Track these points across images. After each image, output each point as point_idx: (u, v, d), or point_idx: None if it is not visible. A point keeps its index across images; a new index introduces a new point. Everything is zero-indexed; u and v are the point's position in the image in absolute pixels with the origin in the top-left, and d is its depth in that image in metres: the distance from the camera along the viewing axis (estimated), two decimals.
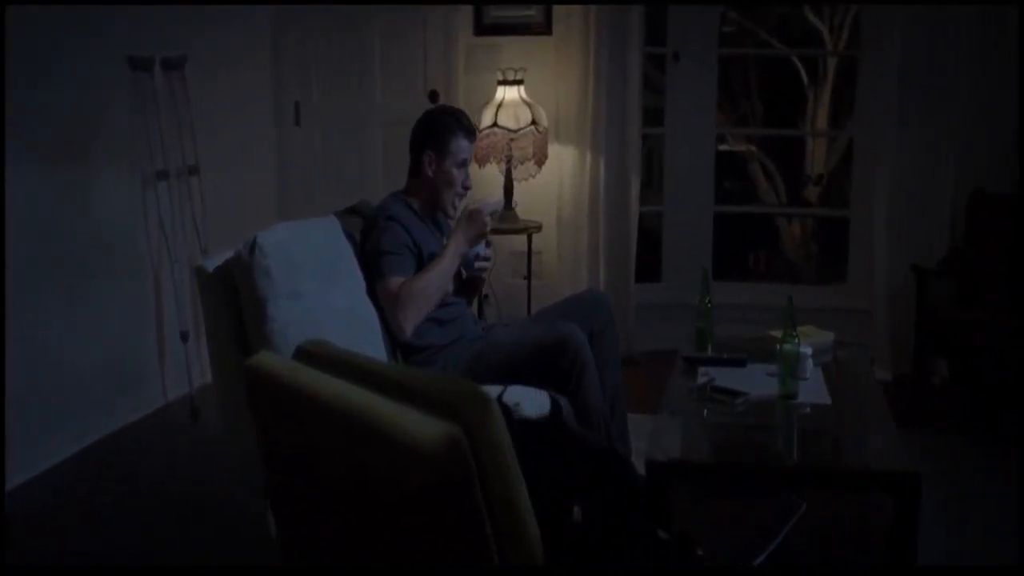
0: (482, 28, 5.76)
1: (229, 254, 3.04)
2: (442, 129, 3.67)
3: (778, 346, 3.18)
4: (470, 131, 3.71)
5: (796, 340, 3.13)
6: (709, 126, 6.04)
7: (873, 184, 5.61)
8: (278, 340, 2.91)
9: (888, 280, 5.43)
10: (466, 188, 3.74)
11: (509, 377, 3.36)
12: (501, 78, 5.40)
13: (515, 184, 5.49)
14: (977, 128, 5.21)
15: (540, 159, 5.44)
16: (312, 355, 2.00)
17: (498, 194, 5.42)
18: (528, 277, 5.64)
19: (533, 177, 5.51)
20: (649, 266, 6.12)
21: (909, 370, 5.07)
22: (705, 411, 3.14)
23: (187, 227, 4.89)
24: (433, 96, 5.79)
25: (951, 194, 5.24)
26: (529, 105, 5.37)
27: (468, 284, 3.89)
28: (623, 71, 5.58)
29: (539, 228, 5.54)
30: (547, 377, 3.35)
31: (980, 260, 4.89)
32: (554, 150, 5.57)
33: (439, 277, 3.49)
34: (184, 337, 4.82)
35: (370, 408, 1.57)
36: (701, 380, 3.33)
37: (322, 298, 3.09)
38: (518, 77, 5.41)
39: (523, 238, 5.56)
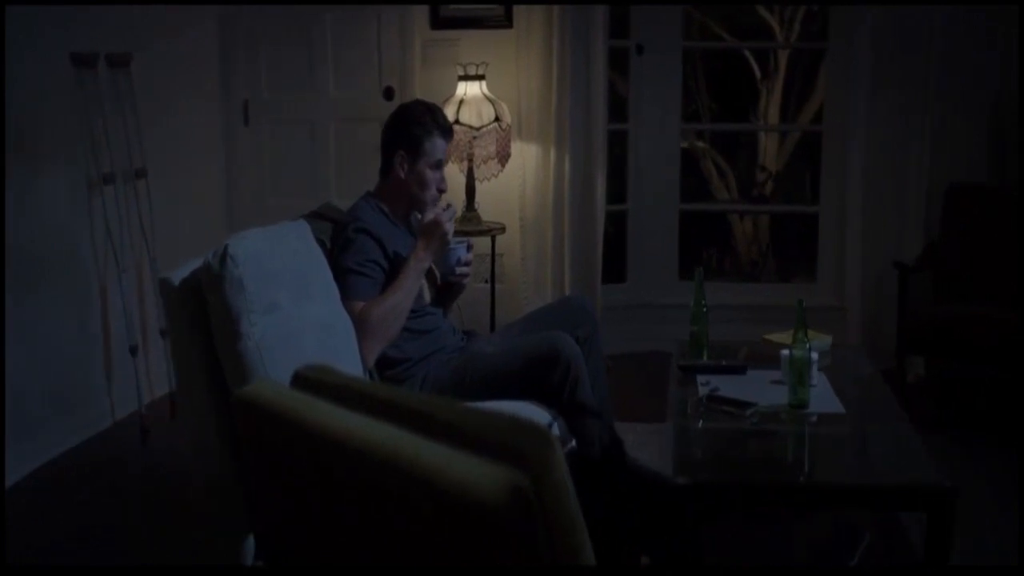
0: (439, 21, 5.51)
1: (195, 263, 2.77)
2: (416, 127, 3.43)
3: (787, 351, 3.01)
4: (446, 129, 3.48)
5: (808, 346, 2.94)
6: (674, 121, 5.85)
7: (843, 179, 5.48)
8: (252, 358, 2.66)
9: (862, 277, 5.30)
10: (441, 191, 3.51)
11: (495, 391, 3.15)
12: (462, 73, 5.17)
13: (477, 184, 5.26)
14: (949, 121, 5.09)
15: (503, 157, 5.21)
16: (315, 383, 1.76)
17: (459, 196, 5.20)
18: (492, 281, 5.41)
19: (496, 176, 5.28)
20: (609, 267, 5.92)
21: (885, 367, 4.93)
22: (716, 425, 2.94)
23: (134, 233, 4.59)
24: (388, 93, 5.54)
25: (925, 188, 5.11)
26: (492, 101, 5.15)
27: (445, 292, 3.66)
28: (587, 64, 5.38)
29: (503, 230, 5.32)
30: (537, 391, 3.13)
31: (962, 254, 4.76)
32: (516, 148, 5.36)
33: (401, 301, 3.23)
34: (133, 351, 4.52)
35: (408, 452, 1.33)
36: (703, 390, 3.14)
37: (298, 311, 2.83)
38: (479, 72, 5.19)
39: (485, 240, 5.32)
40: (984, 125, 5.06)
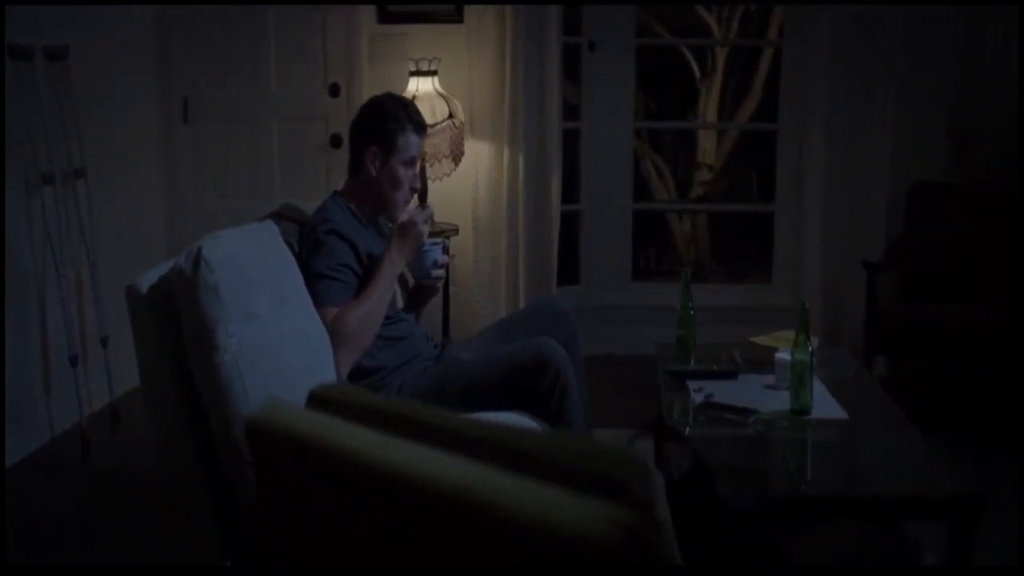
0: (387, 16, 5.32)
1: (163, 268, 2.55)
2: (389, 121, 3.24)
3: (785, 355, 2.90)
4: (420, 125, 3.29)
5: (810, 349, 2.83)
6: (626, 119, 5.73)
7: (801, 178, 5.41)
8: (229, 372, 2.45)
9: (823, 276, 5.22)
10: (414, 190, 3.33)
11: (478, 400, 2.98)
12: (414, 68, 4.99)
13: (429, 183, 5.08)
14: (909, 120, 5.05)
15: (457, 156, 5.04)
16: (337, 404, 1.57)
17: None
18: (445, 284, 5.22)
19: (448, 175, 5.10)
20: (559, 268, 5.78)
21: None
22: (718, 432, 2.80)
23: (73, 236, 4.32)
24: (334, 89, 5.34)
25: (886, 187, 5.06)
26: (445, 98, 4.98)
27: (416, 296, 3.48)
28: (541, 62, 5.24)
29: (456, 231, 5.15)
30: (523, 399, 2.97)
31: (928, 253, 4.71)
32: (469, 146, 5.18)
33: (376, 307, 3.06)
34: (73, 361, 4.26)
35: (488, 487, 1.16)
36: (697, 396, 3.01)
37: (275, 319, 2.63)
38: (432, 67, 5.01)
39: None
40: (944, 123, 5.02)
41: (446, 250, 3.33)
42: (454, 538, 1.16)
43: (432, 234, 4.77)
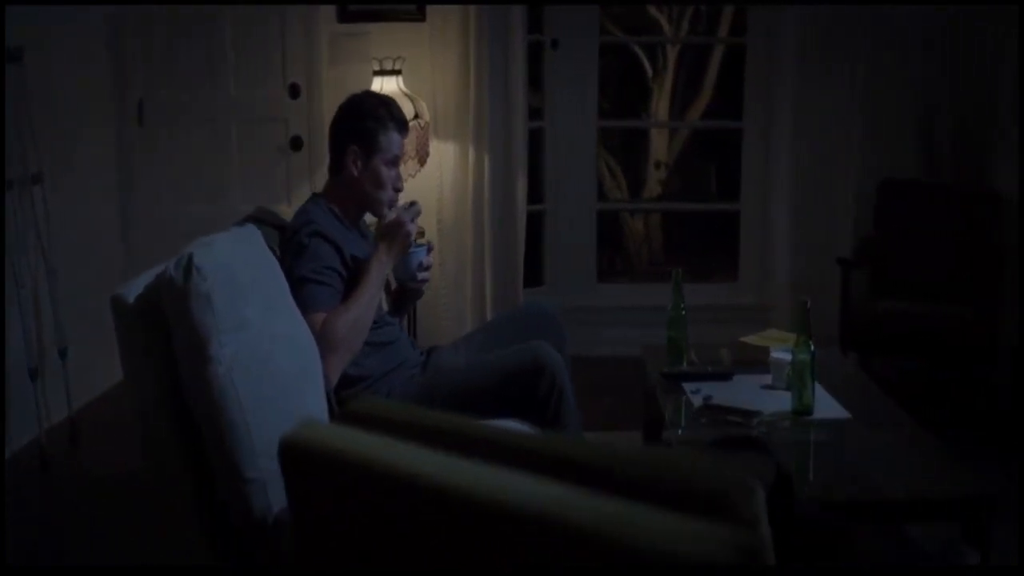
0: (347, 15, 5.20)
1: (148, 276, 2.44)
2: (369, 120, 3.14)
3: (784, 355, 2.85)
4: (402, 123, 3.20)
5: (812, 349, 2.78)
6: (590, 118, 5.67)
7: (766, 176, 5.39)
8: (223, 383, 2.33)
9: (792, 275, 5.20)
10: (397, 190, 3.23)
11: (469, 408, 2.89)
12: (378, 68, 4.89)
13: None
14: (878, 118, 5.04)
15: (423, 156, 4.96)
16: (375, 421, 1.48)
17: None
18: None
19: (413, 176, 5.01)
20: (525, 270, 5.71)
21: None
22: (722, 435, 2.73)
23: (30, 244, 4.16)
24: (294, 90, 5.21)
25: (856, 183, 5.05)
26: (410, 98, 4.89)
27: (399, 300, 3.39)
28: (505, 60, 5.16)
29: (422, 233, 5.05)
30: (518, 405, 2.89)
31: (898, 250, 4.71)
32: (433, 147, 5.10)
33: (365, 311, 2.96)
34: (33, 375, 4.10)
35: (585, 509, 1.08)
36: (696, 398, 2.95)
37: (267, 327, 2.52)
38: (396, 67, 4.92)
39: None
40: (913, 119, 5.02)
41: (431, 251, 3.23)
42: (557, 567, 1.08)
43: None
